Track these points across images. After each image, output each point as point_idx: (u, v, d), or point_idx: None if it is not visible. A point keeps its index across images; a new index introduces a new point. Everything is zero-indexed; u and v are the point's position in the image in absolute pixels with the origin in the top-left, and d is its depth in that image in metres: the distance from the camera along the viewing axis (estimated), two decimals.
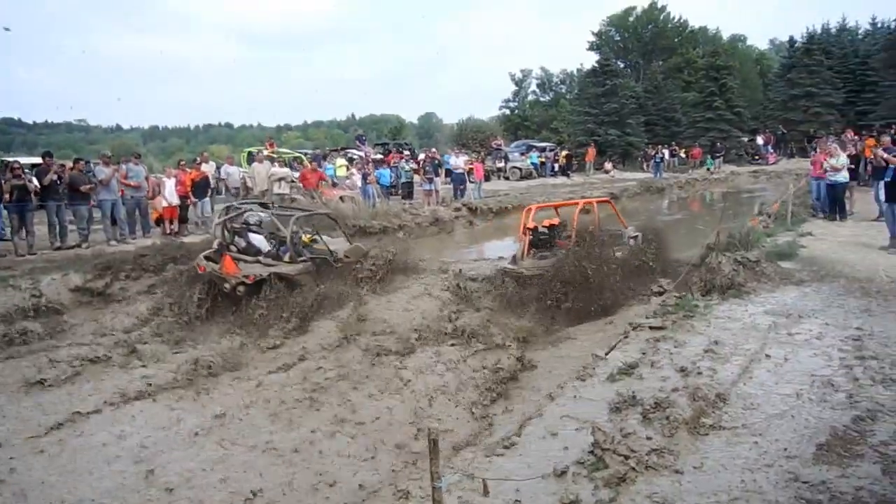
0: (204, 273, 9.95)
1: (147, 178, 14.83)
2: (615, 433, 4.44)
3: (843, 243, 11.23)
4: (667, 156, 37.41)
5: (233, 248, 10.43)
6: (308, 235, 11.36)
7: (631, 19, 58.29)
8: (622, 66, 55.91)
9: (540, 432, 4.86)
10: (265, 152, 19.85)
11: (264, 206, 12.01)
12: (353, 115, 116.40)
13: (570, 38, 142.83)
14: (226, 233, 10.82)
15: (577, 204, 11.69)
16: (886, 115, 32.82)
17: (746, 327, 6.81)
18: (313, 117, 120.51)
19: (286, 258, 10.24)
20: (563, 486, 3.96)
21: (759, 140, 40.30)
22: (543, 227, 11.30)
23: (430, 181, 21.09)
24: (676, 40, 57.43)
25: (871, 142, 17.50)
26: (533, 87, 66.96)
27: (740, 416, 4.65)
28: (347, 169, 22.19)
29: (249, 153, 22.63)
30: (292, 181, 17.23)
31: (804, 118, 41.74)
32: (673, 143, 41.60)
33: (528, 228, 11.18)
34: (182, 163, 16.85)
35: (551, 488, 3.98)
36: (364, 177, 20.00)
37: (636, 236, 11.45)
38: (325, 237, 11.61)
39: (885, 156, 11.72)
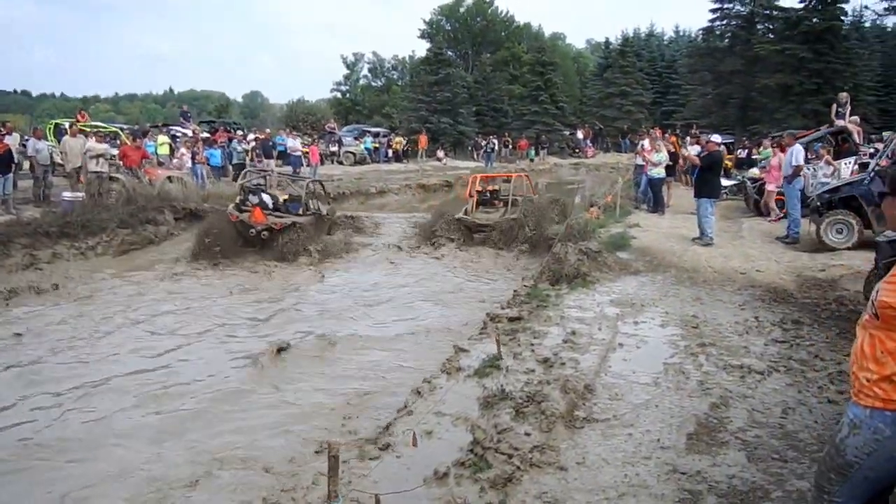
0: (235, 221, 12.71)
1: None
2: (491, 430, 4.35)
3: (667, 235, 12.07)
4: (497, 146, 38.65)
5: (248, 203, 13.11)
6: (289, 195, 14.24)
7: (461, 10, 59.39)
8: (452, 56, 57.05)
9: (415, 430, 4.65)
10: (77, 125, 17.82)
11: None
12: (171, 90, 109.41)
13: (401, 24, 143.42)
14: (243, 192, 13.54)
15: (509, 176, 16.62)
16: (689, 117, 36.15)
17: (598, 317, 7.05)
18: (125, 89, 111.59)
19: (299, 212, 13.45)
20: (447, 490, 3.79)
21: (579, 134, 42.84)
22: (487, 190, 15.57)
23: (260, 162, 20.27)
24: (504, 34, 59.39)
25: (673, 139, 19.18)
26: (365, 71, 66.41)
27: (609, 408, 4.75)
28: (171, 147, 20.62)
29: (57, 125, 20.32)
30: (111, 157, 15.56)
31: (618, 115, 45.06)
32: (505, 133, 43.05)
33: (477, 191, 15.21)
34: None
35: (434, 493, 3.80)
36: (193, 156, 18.62)
37: (536, 196, 15.51)
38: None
39: (691, 155, 12.82)
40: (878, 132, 26.09)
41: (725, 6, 36.68)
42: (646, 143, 15.96)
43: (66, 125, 18.50)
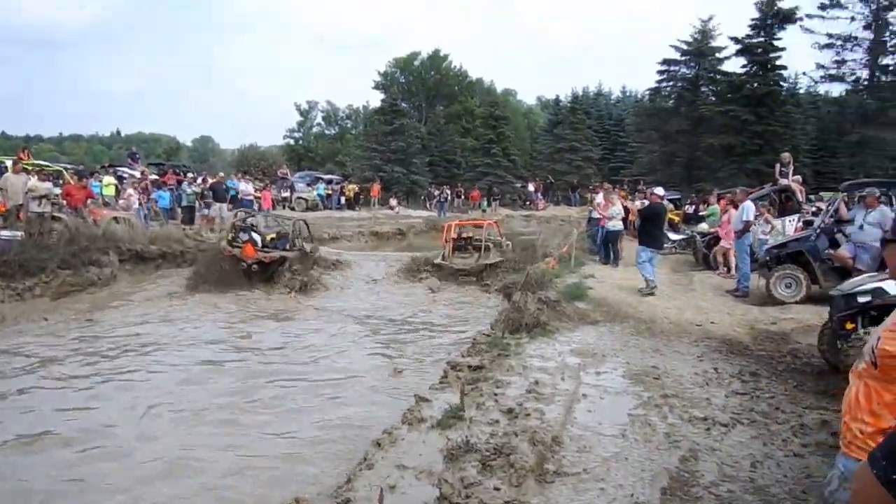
0: (228, 256, 13.87)
1: None
2: (458, 485, 4.15)
3: (620, 286, 12.14)
4: (450, 196, 38.95)
5: (238, 240, 14.37)
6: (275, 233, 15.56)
7: (416, 63, 60.41)
8: (406, 107, 57.77)
9: (375, 484, 4.41)
10: (20, 163, 17.14)
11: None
12: (118, 132, 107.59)
13: (356, 75, 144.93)
14: (234, 230, 14.97)
15: (481, 223, 18.45)
16: (636, 173, 37.19)
17: (560, 367, 6.95)
18: (70, 130, 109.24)
19: (287, 248, 14.80)
20: None
21: (531, 187, 43.53)
22: (462, 237, 17.09)
23: (209, 206, 19.91)
24: (457, 88, 60.51)
25: (623, 193, 19.67)
26: (319, 119, 66.67)
27: (578, 461, 4.60)
28: (117, 188, 20.09)
29: None
30: (55, 197, 14.97)
31: (569, 169, 46.01)
32: (458, 184, 43.46)
33: (452, 238, 16.70)
34: None
35: None
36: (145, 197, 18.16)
37: (508, 243, 17.24)
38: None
39: (631, 205, 13.10)
40: (814, 192, 27.19)
41: (672, 68, 38.21)
42: (599, 197, 16.24)
43: (8, 163, 17.84)
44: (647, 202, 14.07)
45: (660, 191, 12.62)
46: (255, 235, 14.75)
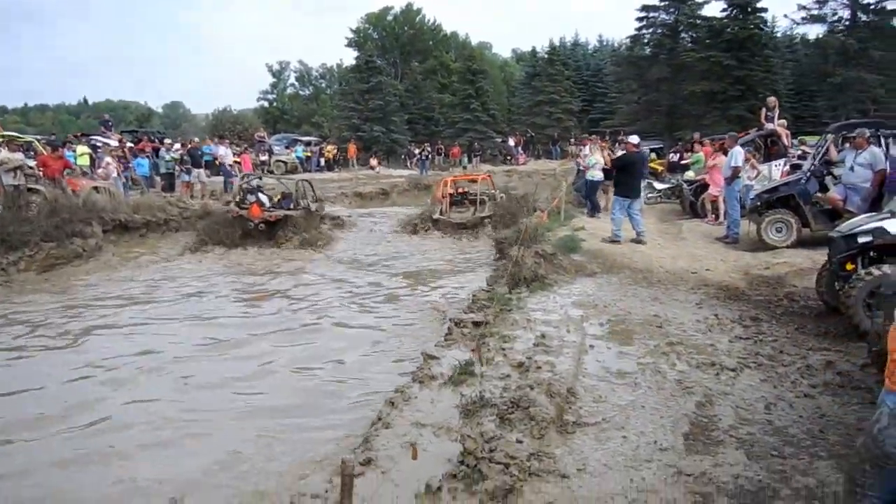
0: (236, 217, 14.74)
1: None
2: (479, 439, 4.14)
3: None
4: (430, 154, 38.61)
5: (245, 202, 15.17)
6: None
7: (389, 19, 59.20)
8: (382, 64, 56.84)
9: (394, 444, 4.40)
10: None
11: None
12: (85, 100, 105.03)
13: (327, 33, 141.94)
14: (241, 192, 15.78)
15: (475, 178, 19.36)
16: (617, 124, 36.96)
17: (563, 319, 6.95)
18: (35, 100, 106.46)
19: (291, 207, 15.59)
20: None
21: (511, 142, 43.14)
22: (458, 192, 17.98)
23: (189, 172, 19.57)
24: (431, 43, 59.54)
25: (604, 144, 19.59)
26: (292, 80, 65.50)
27: (596, 411, 4.62)
28: (92, 158, 19.63)
29: None
30: (30, 169, 14.57)
31: (548, 123, 45.65)
32: (437, 141, 43.05)
33: (449, 193, 17.55)
34: None
35: None
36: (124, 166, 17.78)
37: (502, 195, 17.94)
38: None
39: (608, 157, 13.13)
40: (794, 136, 27.28)
41: (651, 15, 37.78)
42: (586, 149, 16.13)
43: None
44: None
45: (634, 139, 12.33)
46: (261, 196, 15.63)
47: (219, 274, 12.87)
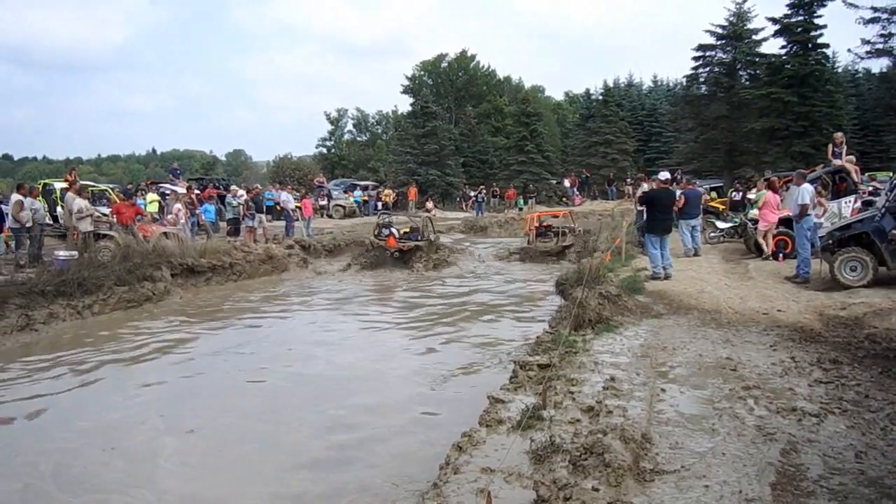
0: (376, 247, 18.77)
1: None
2: (552, 486, 4.02)
3: (677, 278, 11.87)
4: (486, 196, 38.81)
5: (381, 235, 18.97)
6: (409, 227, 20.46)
7: (443, 65, 60.36)
8: (437, 109, 57.74)
9: (465, 489, 4.31)
10: (78, 184, 17.48)
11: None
12: (153, 150, 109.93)
13: (382, 81, 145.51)
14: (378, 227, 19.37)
15: (557, 214, 23.99)
16: (675, 163, 36.51)
17: (632, 362, 6.78)
18: (107, 151, 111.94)
19: (418, 239, 19.23)
20: None
21: (566, 183, 43.01)
22: (543, 226, 21.28)
23: (253, 217, 20.08)
24: (485, 88, 60.35)
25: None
26: (349, 126, 67.08)
27: (674, 458, 4.44)
28: (160, 204, 20.42)
29: (45, 185, 20.05)
30: (105, 217, 15.19)
31: (604, 163, 45.39)
32: (493, 183, 43.29)
33: (535, 226, 20.78)
34: None
35: None
36: (191, 212, 18.40)
37: (581, 229, 21.61)
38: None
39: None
40: (862, 172, 26.43)
41: (707, 54, 37.49)
42: (644, 186, 15.97)
43: (57, 185, 18.23)
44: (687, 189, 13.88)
45: (663, 175, 12.67)
46: (393, 230, 19.17)
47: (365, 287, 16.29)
